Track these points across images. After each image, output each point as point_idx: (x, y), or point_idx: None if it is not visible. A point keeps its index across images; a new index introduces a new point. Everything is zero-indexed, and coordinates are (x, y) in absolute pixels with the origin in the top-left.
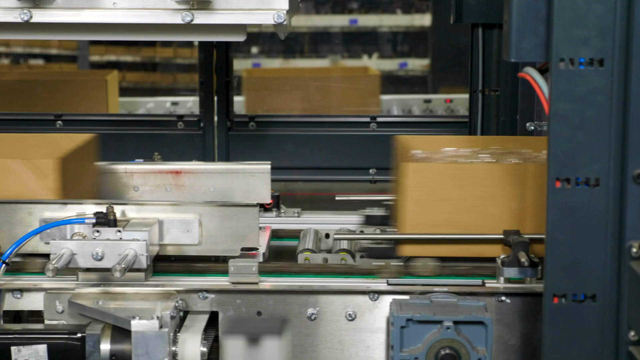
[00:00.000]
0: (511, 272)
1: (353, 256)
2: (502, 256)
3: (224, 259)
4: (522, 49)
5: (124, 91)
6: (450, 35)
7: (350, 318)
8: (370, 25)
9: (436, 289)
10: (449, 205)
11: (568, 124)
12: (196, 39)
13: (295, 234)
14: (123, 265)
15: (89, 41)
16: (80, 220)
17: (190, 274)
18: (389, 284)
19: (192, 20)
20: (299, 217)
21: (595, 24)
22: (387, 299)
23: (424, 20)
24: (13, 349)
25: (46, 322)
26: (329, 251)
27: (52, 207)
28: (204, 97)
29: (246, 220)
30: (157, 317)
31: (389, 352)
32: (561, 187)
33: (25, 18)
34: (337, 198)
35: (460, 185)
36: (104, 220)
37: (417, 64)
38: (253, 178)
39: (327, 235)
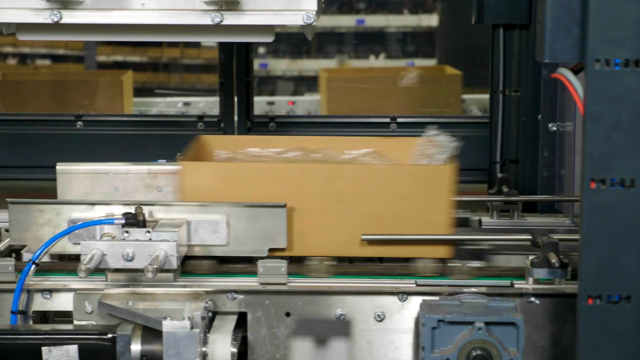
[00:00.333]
0: (541, 272)
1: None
2: (531, 257)
3: (250, 260)
4: (556, 50)
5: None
6: (458, 35)
7: (379, 319)
8: (377, 25)
9: (465, 290)
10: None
11: (603, 124)
12: (224, 39)
13: None
14: (155, 266)
15: (96, 41)
16: (109, 220)
17: (217, 275)
18: (417, 285)
19: (221, 22)
20: None
21: (631, 25)
22: (416, 300)
23: (431, 20)
24: (44, 349)
25: (75, 322)
26: None
27: (80, 207)
28: (224, 98)
29: (274, 221)
30: (188, 318)
31: (419, 353)
32: (596, 188)
33: (55, 19)
34: None
35: (236, 185)
36: (133, 221)
37: (424, 64)
38: None
39: None
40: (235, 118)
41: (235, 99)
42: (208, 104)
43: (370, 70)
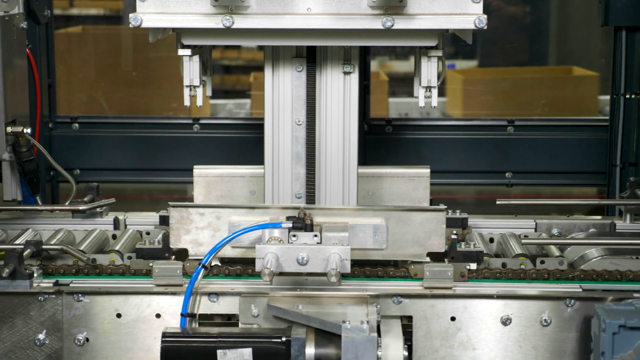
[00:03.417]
0: None
1: (533, 261)
2: None
3: (395, 263)
4: None
5: None
6: (498, 35)
7: (545, 324)
8: None
9: (635, 295)
10: None
11: None
12: (390, 44)
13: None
14: (338, 270)
15: None
16: (277, 224)
17: (376, 279)
18: (583, 290)
19: (392, 26)
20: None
21: None
22: (581, 305)
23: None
24: (219, 352)
25: (241, 325)
26: (499, 255)
27: (239, 211)
28: None
29: (433, 225)
30: (367, 322)
31: (595, 358)
32: None
33: (227, 24)
34: (498, 202)
35: None
36: (300, 225)
37: (465, 65)
38: (412, 182)
39: (492, 240)
40: None
41: None
42: None
43: (497, 72)
